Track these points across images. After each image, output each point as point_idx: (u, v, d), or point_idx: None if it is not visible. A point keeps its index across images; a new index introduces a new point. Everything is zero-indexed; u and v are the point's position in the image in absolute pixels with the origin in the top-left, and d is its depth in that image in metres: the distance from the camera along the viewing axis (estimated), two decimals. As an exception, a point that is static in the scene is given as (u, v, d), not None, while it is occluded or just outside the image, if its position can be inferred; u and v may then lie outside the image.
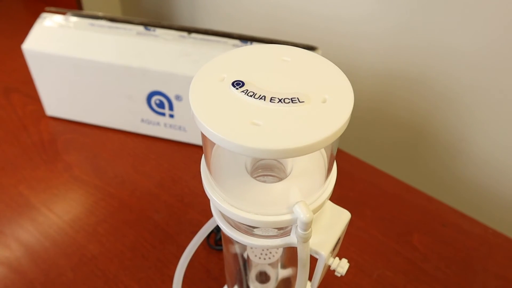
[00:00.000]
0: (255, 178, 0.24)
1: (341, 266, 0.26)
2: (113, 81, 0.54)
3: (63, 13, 0.57)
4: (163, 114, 0.56)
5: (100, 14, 0.57)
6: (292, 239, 0.24)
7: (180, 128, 0.57)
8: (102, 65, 0.53)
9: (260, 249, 0.30)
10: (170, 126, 0.58)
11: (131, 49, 0.53)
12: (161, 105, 0.55)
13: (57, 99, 0.60)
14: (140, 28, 0.55)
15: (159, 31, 0.55)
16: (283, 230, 0.24)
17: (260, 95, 0.20)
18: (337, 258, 0.26)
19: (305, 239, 0.22)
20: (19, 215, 0.50)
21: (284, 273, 0.34)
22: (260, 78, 0.21)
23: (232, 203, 0.22)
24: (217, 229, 0.48)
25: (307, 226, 0.21)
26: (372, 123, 0.73)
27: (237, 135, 0.18)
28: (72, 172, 0.55)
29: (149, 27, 0.55)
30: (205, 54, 0.52)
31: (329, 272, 0.46)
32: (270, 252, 0.30)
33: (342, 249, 0.48)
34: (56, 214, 0.50)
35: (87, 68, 0.54)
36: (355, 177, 0.56)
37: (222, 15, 0.84)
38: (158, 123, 0.58)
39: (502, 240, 0.49)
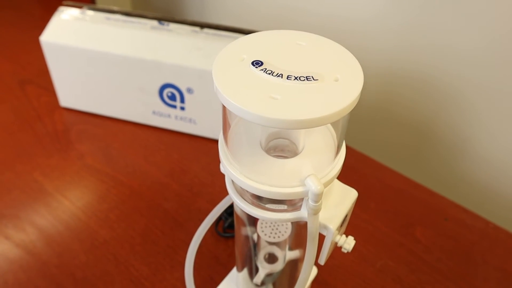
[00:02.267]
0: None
1: (348, 243, 0.27)
2: (127, 74, 0.56)
3: (80, 7, 0.59)
4: (175, 107, 0.58)
5: (115, 8, 0.59)
6: (302, 214, 0.25)
7: (190, 120, 0.59)
8: (116, 57, 0.55)
9: (270, 228, 0.32)
10: (181, 118, 0.59)
11: (145, 43, 0.55)
12: (172, 97, 0.57)
13: (71, 91, 0.62)
14: (154, 23, 0.57)
15: (172, 25, 0.56)
16: (293, 205, 0.26)
17: (277, 73, 0.21)
18: (343, 235, 0.28)
19: (316, 211, 0.23)
20: (34, 201, 0.51)
21: (291, 254, 0.35)
22: (277, 59, 0.22)
23: (248, 175, 0.23)
24: (225, 217, 0.49)
25: (318, 197, 0.22)
26: (376, 122, 0.75)
27: (257, 107, 0.19)
28: (85, 161, 0.57)
29: (163, 22, 0.57)
30: (217, 49, 0.54)
31: (334, 262, 0.47)
32: (280, 231, 0.32)
33: (347, 239, 0.49)
34: (70, 200, 0.51)
35: (101, 60, 0.56)
36: (360, 172, 0.58)
37: (230, 14, 0.86)
38: (169, 115, 0.59)
39: (503, 234, 0.50)
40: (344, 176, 0.56)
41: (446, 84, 0.63)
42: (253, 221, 0.34)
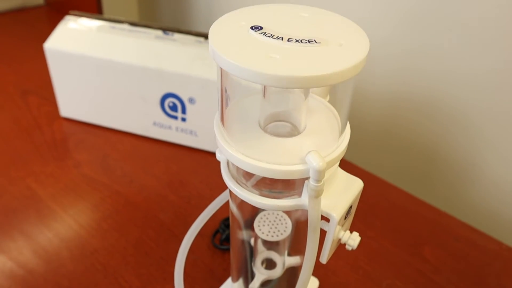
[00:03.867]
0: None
1: (352, 239, 0.25)
2: (129, 82, 0.55)
3: (86, 17, 0.59)
4: (176, 118, 0.57)
5: (121, 18, 0.59)
6: (303, 200, 0.23)
7: (191, 132, 0.58)
8: (119, 65, 0.54)
9: (268, 227, 0.30)
10: (182, 130, 0.58)
11: (149, 51, 0.55)
12: (174, 108, 0.56)
13: (73, 100, 0.61)
14: (159, 33, 0.57)
15: (177, 35, 0.56)
16: (293, 190, 0.24)
17: (277, 36, 0.20)
18: (348, 232, 0.26)
19: (317, 193, 0.21)
20: (24, 207, 0.49)
21: (290, 261, 0.32)
22: (278, 25, 0.21)
23: (244, 153, 0.22)
24: (223, 229, 0.47)
25: (320, 175, 0.20)
26: (381, 146, 0.73)
27: (254, 64, 0.18)
28: (81, 169, 0.55)
29: (167, 32, 0.57)
30: (221, 58, 0.53)
31: (338, 279, 0.44)
32: (278, 230, 0.29)
33: (351, 256, 0.46)
34: (62, 207, 0.49)
35: (104, 68, 0.55)
36: (365, 189, 0.55)
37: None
38: (169, 127, 0.58)
39: (518, 257, 0.47)
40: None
41: (453, 108, 0.61)
42: (250, 222, 0.32)
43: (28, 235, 0.46)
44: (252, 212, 0.31)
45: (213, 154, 0.59)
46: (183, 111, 0.56)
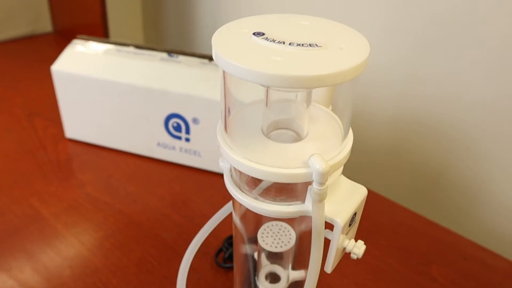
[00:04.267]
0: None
1: (358, 247, 0.25)
2: (134, 103, 0.56)
3: (93, 40, 0.61)
4: (179, 138, 0.57)
5: (127, 41, 0.60)
6: (306, 207, 0.23)
7: (195, 153, 0.58)
8: (124, 86, 0.55)
9: (272, 238, 0.29)
10: (186, 150, 0.58)
11: (153, 73, 0.56)
12: (178, 128, 0.56)
13: (78, 121, 0.61)
14: (164, 55, 0.58)
15: (181, 57, 0.57)
16: (297, 199, 0.24)
17: (279, 41, 0.20)
18: (352, 240, 0.25)
19: (321, 197, 0.21)
20: (26, 225, 0.49)
21: (295, 275, 0.32)
22: (279, 32, 0.21)
23: (247, 157, 0.22)
24: (226, 247, 0.46)
25: (323, 177, 0.20)
26: (387, 169, 0.73)
27: (256, 65, 0.18)
28: (85, 189, 0.55)
29: (172, 54, 0.58)
30: (224, 79, 0.54)
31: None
32: (282, 241, 0.29)
33: (357, 274, 0.45)
34: (64, 226, 0.49)
35: (110, 89, 0.56)
36: (370, 208, 0.55)
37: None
38: (173, 147, 0.58)
39: (528, 276, 0.46)
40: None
41: (458, 131, 0.61)
42: (253, 236, 0.31)
43: (29, 253, 0.46)
44: (255, 224, 0.31)
45: (216, 175, 0.59)
46: (187, 132, 0.56)
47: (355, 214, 0.24)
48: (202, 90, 0.53)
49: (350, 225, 0.24)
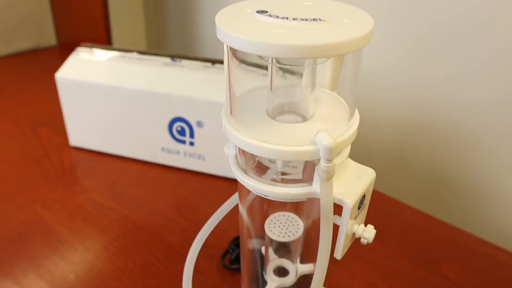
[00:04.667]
0: (276, 124, 0.23)
1: (368, 231, 0.24)
2: (138, 108, 0.56)
3: (97, 48, 0.61)
4: (184, 142, 0.57)
5: (131, 48, 0.61)
6: (314, 188, 0.22)
7: (199, 157, 0.58)
8: (128, 91, 0.55)
9: (279, 228, 0.29)
10: (190, 155, 0.58)
11: (157, 77, 0.56)
12: (182, 132, 0.56)
13: (82, 129, 0.61)
14: (167, 60, 0.58)
15: (184, 62, 0.58)
16: (303, 182, 0.23)
17: (283, 17, 0.20)
18: (362, 225, 0.25)
19: (328, 175, 0.21)
20: (30, 231, 0.48)
21: (303, 268, 0.31)
22: (283, 10, 0.21)
23: (253, 137, 0.21)
24: (233, 248, 0.45)
25: (331, 153, 0.20)
26: (394, 172, 0.72)
27: (260, 36, 0.18)
28: (89, 195, 0.54)
29: (175, 59, 0.58)
30: (228, 81, 0.54)
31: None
32: (290, 231, 0.28)
33: (367, 274, 0.44)
34: (68, 231, 0.49)
35: (113, 95, 0.56)
36: (377, 209, 0.54)
37: (246, 54, 0.88)
38: (178, 152, 0.58)
39: (542, 273, 0.45)
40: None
41: (463, 132, 0.61)
42: (260, 229, 0.31)
43: (33, 258, 0.45)
44: (262, 216, 0.30)
45: (221, 179, 0.58)
46: (191, 135, 0.56)
47: (363, 197, 0.24)
48: (205, 93, 0.53)
49: (359, 208, 0.24)
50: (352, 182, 0.23)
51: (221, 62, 0.58)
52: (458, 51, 0.56)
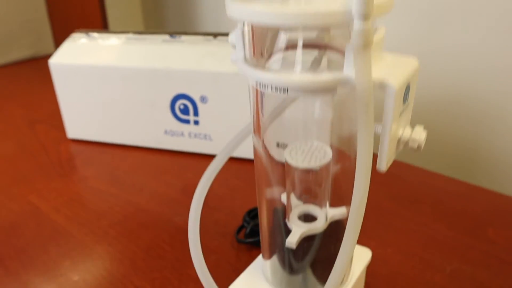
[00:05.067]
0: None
1: (417, 132, 0.19)
2: (137, 88, 0.52)
3: (92, 32, 0.58)
4: (188, 122, 0.53)
5: (127, 30, 0.57)
6: (345, 72, 0.18)
7: (205, 136, 0.53)
8: (125, 70, 0.52)
9: (303, 154, 0.24)
10: (195, 135, 0.53)
11: (156, 54, 0.52)
12: (185, 110, 0.52)
13: (79, 119, 0.57)
14: (166, 37, 0.54)
15: (184, 37, 0.54)
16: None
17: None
18: (408, 127, 0.20)
19: (366, 40, 0.16)
20: (23, 220, 0.44)
21: (334, 212, 0.26)
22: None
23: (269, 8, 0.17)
24: (247, 221, 0.40)
25: (367, 7, 0.15)
26: (418, 154, 0.67)
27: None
28: (88, 183, 0.50)
29: (174, 35, 0.54)
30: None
31: (390, 268, 0.36)
32: (315, 156, 0.23)
33: (402, 244, 0.39)
34: (64, 218, 0.44)
35: (110, 76, 0.52)
36: (407, 180, 0.49)
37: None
38: (182, 133, 0.54)
39: None
40: (388, 185, 0.47)
41: (482, 102, 0.56)
42: (279, 170, 0.26)
43: (25, 248, 0.40)
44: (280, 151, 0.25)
45: (230, 159, 0.53)
46: (195, 113, 0.52)
47: (408, 88, 0.19)
48: (208, 65, 0.49)
49: (404, 101, 0.19)
50: (394, 67, 0.19)
51: (224, 34, 0.54)
52: (468, 20, 0.52)
